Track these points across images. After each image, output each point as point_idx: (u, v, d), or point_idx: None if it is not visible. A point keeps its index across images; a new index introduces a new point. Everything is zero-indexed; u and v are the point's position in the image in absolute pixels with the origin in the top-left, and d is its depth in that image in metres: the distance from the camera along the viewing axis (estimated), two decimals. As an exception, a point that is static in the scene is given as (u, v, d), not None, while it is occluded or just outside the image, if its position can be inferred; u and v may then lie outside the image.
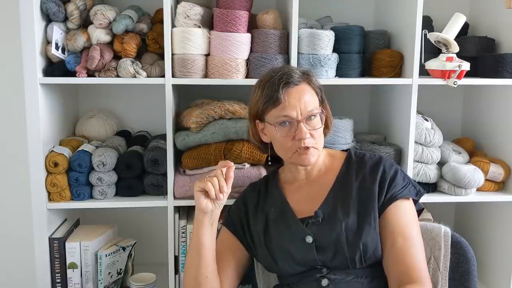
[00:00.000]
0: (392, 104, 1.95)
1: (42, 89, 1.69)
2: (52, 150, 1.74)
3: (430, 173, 1.86)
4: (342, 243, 1.36)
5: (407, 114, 1.79)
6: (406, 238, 1.36)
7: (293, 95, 1.40)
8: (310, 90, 1.44)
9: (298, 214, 1.44)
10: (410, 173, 1.82)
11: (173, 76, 1.73)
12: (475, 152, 2.05)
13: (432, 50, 1.82)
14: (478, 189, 1.90)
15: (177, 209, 1.84)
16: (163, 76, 1.72)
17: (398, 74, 1.86)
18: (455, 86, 1.72)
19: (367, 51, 1.91)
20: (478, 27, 2.11)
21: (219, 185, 1.38)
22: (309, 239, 1.39)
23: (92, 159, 1.74)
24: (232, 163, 1.42)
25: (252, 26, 1.83)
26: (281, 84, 1.39)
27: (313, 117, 1.42)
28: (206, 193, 1.39)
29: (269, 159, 1.55)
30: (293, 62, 1.74)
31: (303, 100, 1.40)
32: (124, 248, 1.85)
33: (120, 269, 1.85)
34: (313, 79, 1.46)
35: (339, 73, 1.84)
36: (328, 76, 1.79)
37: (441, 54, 1.76)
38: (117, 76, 1.74)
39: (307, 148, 1.40)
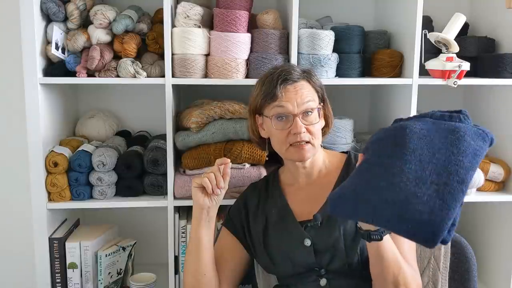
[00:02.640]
0: (392, 104, 1.95)
1: (42, 89, 1.69)
2: (52, 150, 1.74)
3: (430, 173, 1.86)
4: (340, 247, 1.36)
5: (407, 114, 1.79)
6: (395, 235, 1.35)
7: (291, 90, 1.41)
8: (309, 87, 1.44)
9: (298, 217, 1.45)
10: (410, 173, 1.82)
11: (173, 76, 1.73)
12: (475, 152, 2.05)
13: (432, 50, 1.82)
14: (478, 189, 1.90)
15: (177, 209, 1.84)
16: (163, 76, 1.72)
17: (398, 74, 1.86)
18: (455, 86, 1.72)
19: (367, 51, 1.91)
20: (478, 27, 2.11)
21: (216, 180, 1.39)
22: (308, 242, 1.39)
23: (92, 159, 1.74)
24: (229, 160, 1.44)
25: (252, 26, 1.83)
26: (279, 81, 1.40)
27: (310, 112, 1.42)
28: (203, 189, 1.41)
29: (267, 155, 1.56)
30: (293, 62, 1.74)
31: (300, 94, 1.41)
32: (124, 248, 1.85)
33: (120, 269, 1.85)
34: (314, 78, 1.47)
35: (339, 73, 1.84)
36: (328, 76, 1.79)
37: (441, 54, 1.75)
38: (117, 76, 1.74)
39: (303, 143, 1.41)
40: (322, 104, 1.48)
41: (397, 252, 1.27)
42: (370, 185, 1.08)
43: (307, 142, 1.42)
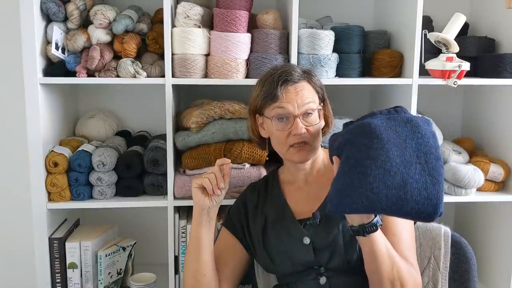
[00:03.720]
0: (392, 104, 1.92)
1: (42, 89, 1.69)
2: (52, 150, 1.74)
3: (430, 173, 1.86)
4: (339, 245, 1.36)
5: (407, 114, 1.79)
6: (395, 234, 1.35)
7: (291, 91, 1.41)
8: (310, 88, 1.44)
9: (297, 215, 1.45)
10: (410, 173, 1.82)
11: (173, 76, 1.73)
12: (475, 152, 2.05)
13: (432, 50, 1.82)
14: (478, 189, 1.90)
15: (177, 209, 1.84)
16: (163, 76, 1.72)
17: (398, 74, 1.86)
18: (455, 86, 1.72)
19: (367, 51, 1.91)
20: (478, 27, 2.11)
21: (217, 181, 1.39)
22: (307, 241, 1.39)
23: (92, 159, 1.74)
24: (230, 161, 1.44)
25: (252, 26, 1.83)
26: (279, 82, 1.40)
27: (310, 113, 1.42)
28: (203, 190, 1.40)
29: (267, 154, 1.56)
30: (293, 62, 1.74)
31: (301, 95, 1.41)
32: (124, 248, 1.85)
33: (120, 269, 1.85)
34: (314, 78, 1.47)
35: (339, 73, 1.84)
36: (328, 76, 1.80)
37: (441, 54, 1.75)
38: (117, 76, 1.74)
39: (303, 144, 1.41)
40: (322, 104, 1.48)
41: (391, 247, 1.28)
42: (366, 176, 1.15)
43: (307, 143, 1.42)
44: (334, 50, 1.82)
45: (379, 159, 1.15)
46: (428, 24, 1.97)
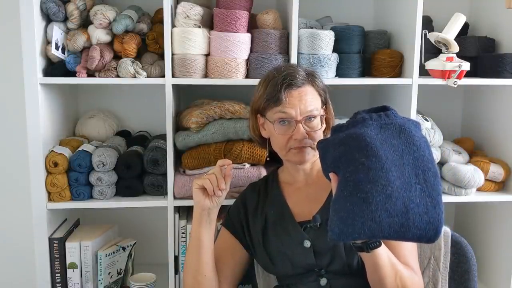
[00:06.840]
0: (392, 104, 1.92)
1: (42, 89, 1.69)
2: (52, 150, 1.74)
3: (430, 173, 1.86)
4: (340, 248, 1.36)
5: (407, 114, 1.79)
6: (391, 243, 1.34)
7: (295, 96, 1.40)
8: (313, 91, 1.44)
9: (297, 217, 1.44)
10: (410, 173, 1.81)
11: (173, 76, 1.73)
12: (475, 152, 2.05)
13: (432, 50, 1.82)
14: (478, 189, 1.90)
15: (177, 209, 1.84)
16: (163, 76, 1.72)
17: (398, 74, 1.86)
18: (455, 86, 1.72)
19: (367, 51, 1.91)
20: (478, 27, 2.11)
21: (217, 182, 1.39)
22: (307, 244, 1.39)
23: (92, 159, 1.74)
24: (231, 162, 1.43)
25: (252, 26, 1.83)
26: (283, 85, 1.39)
27: (313, 118, 1.42)
28: (204, 191, 1.40)
29: (268, 154, 1.57)
30: (293, 62, 1.74)
31: (304, 101, 1.40)
32: (124, 248, 1.85)
33: (120, 269, 1.85)
34: (317, 81, 1.47)
35: (339, 73, 1.84)
36: (328, 76, 1.79)
37: (441, 54, 1.75)
38: (117, 76, 1.74)
39: (303, 146, 1.41)
40: (324, 107, 1.48)
41: (392, 256, 1.28)
42: (368, 203, 1.10)
43: (308, 146, 1.42)
44: (334, 50, 1.82)
45: (380, 183, 1.11)
46: (428, 24, 1.97)
